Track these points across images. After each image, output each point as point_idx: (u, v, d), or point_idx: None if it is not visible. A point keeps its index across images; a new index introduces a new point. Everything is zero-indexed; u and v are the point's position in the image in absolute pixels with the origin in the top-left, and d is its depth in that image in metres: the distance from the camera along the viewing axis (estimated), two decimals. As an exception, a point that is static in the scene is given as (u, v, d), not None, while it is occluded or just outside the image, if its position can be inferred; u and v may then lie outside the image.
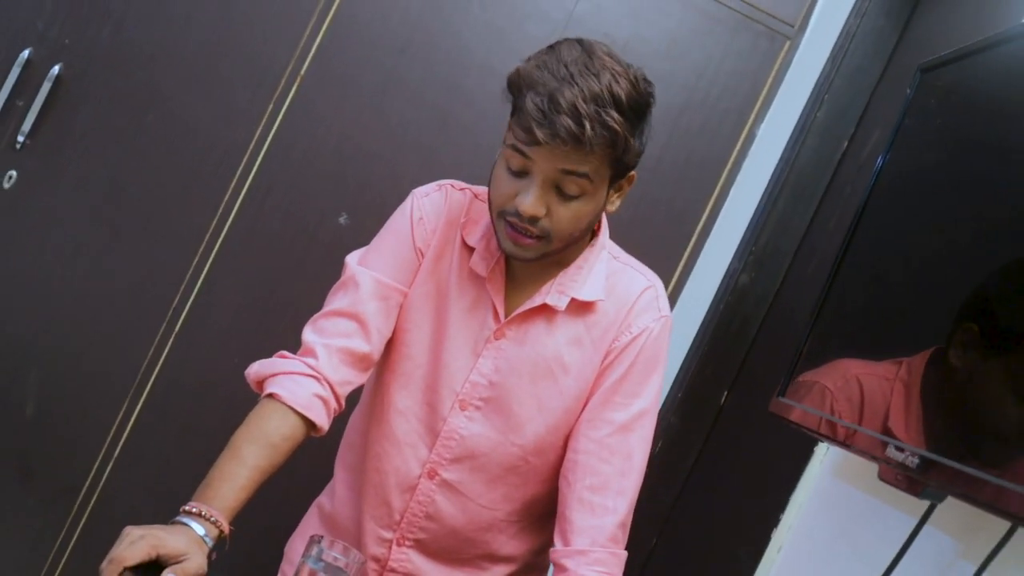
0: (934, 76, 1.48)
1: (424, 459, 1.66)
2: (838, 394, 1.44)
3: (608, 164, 1.52)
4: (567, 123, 1.43)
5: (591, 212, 1.56)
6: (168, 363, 2.53)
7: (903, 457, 1.11)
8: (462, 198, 1.72)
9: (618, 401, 1.64)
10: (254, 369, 1.62)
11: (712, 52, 2.63)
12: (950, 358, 1.16)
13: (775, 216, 2.35)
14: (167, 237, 2.52)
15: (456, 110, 2.56)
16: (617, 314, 1.66)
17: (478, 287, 1.66)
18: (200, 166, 2.51)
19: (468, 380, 1.64)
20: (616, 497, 1.62)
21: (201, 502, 1.44)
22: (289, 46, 2.52)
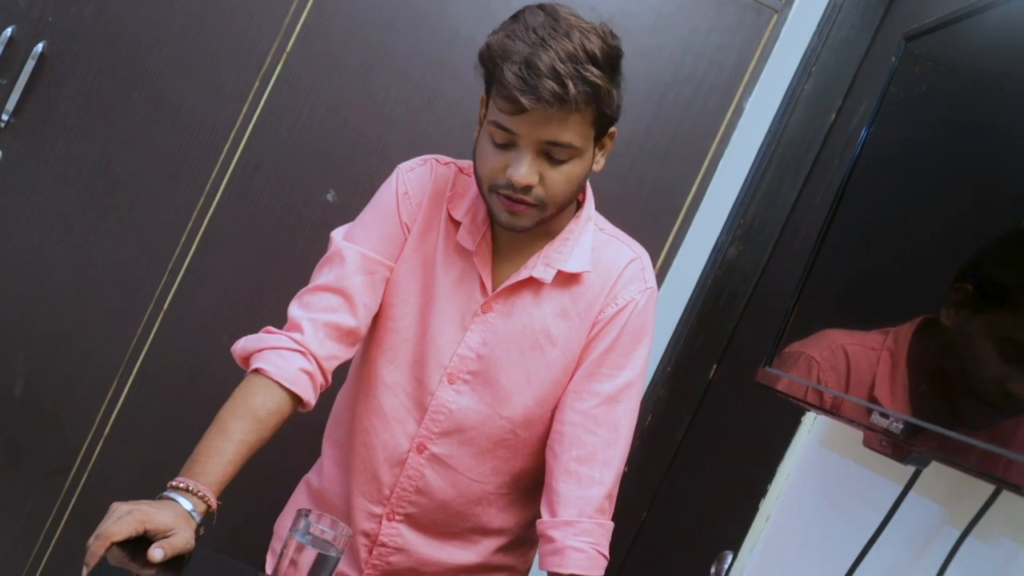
0: (918, 44, 1.48)
1: (413, 433, 1.67)
2: (824, 364, 1.44)
3: (592, 122, 1.54)
4: (550, 85, 1.44)
5: (581, 172, 1.58)
6: (157, 342, 2.53)
7: (887, 423, 1.12)
8: (447, 172, 1.72)
9: (604, 373, 1.65)
10: (240, 345, 1.63)
11: (698, 26, 2.62)
12: (942, 318, 1.16)
13: (763, 190, 2.35)
14: (154, 216, 2.51)
15: (442, 86, 2.55)
16: (603, 286, 1.67)
17: (465, 261, 1.67)
18: (186, 145, 2.50)
19: (456, 353, 1.65)
20: (603, 468, 1.63)
21: (188, 477, 1.44)
22: (274, 23, 2.51)
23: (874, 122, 1.51)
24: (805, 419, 1.63)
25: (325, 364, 1.62)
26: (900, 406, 1.19)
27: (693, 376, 2.35)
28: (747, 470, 1.84)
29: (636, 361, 1.68)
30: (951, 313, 1.15)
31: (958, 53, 1.38)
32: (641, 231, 1.86)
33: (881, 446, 1.15)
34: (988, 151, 1.25)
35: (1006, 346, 1.04)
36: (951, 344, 1.15)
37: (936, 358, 1.19)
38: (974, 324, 1.11)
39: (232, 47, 2.49)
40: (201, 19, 2.49)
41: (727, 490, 1.99)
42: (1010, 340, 1.04)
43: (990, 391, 1.05)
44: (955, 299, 1.15)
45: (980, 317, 1.11)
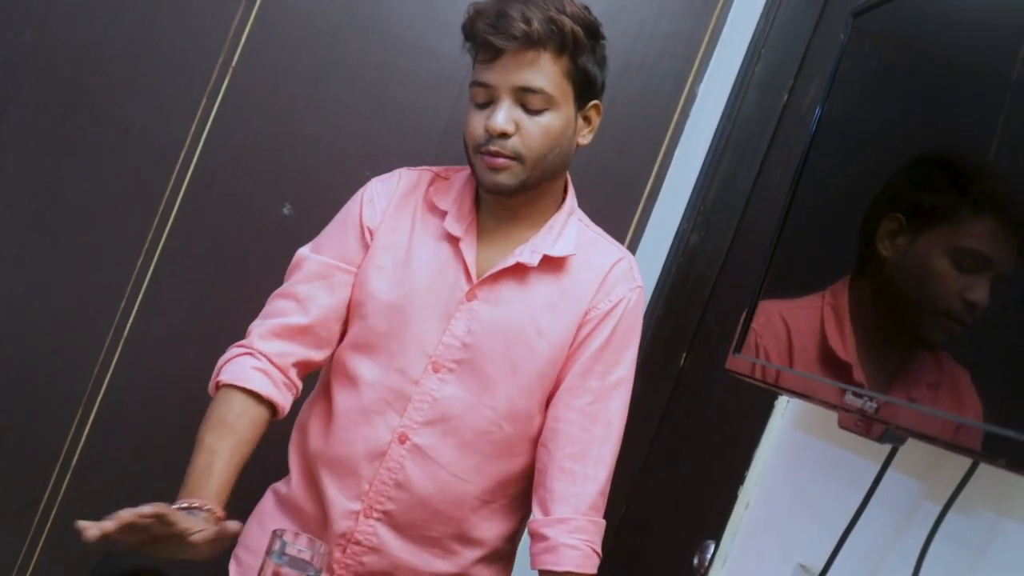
0: (866, 20, 1.48)
1: (394, 425, 1.65)
2: (763, 333, 1.45)
3: (566, 74, 1.61)
4: (517, 25, 1.55)
5: (560, 128, 1.62)
6: (120, 367, 2.49)
7: (861, 403, 1.11)
8: (417, 176, 1.77)
9: (599, 370, 1.68)
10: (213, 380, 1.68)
11: (646, 15, 2.62)
12: (879, 250, 1.21)
13: (720, 174, 2.35)
14: (109, 240, 2.47)
15: (392, 92, 2.53)
16: (591, 282, 1.69)
17: (447, 250, 1.68)
18: (137, 165, 2.46)
19: (441, 342, 1.64)
20: (596, 465, 1.66)
21: (186, 496, 1.49)
22: (219, 37, 2.47)
23: (827, 100, 1.50)
24: (778, 403, 1.63)
25: (278, 360, 1.65)
26: (851, 355, 1.23)
27: (664, 366, 2.34)
28: (724, 457, 1.83)
29: (628, 359, 1.73)
30: (887, 245, 1.20)
31: (905, 26, 1.38)
32: (603, 223, 1.86)
33: (856, 426, 1.14)
34: (938, 121, 1.26)
35: (959, 257, 1.08)
36: (898, 274, 1.19)
37: (884, 294, 1.22)
38: (918, 247, 1.17)
39: (177, 64, 2.45)
40: (143, 37, 2.45)
41: (705, 479, 1.98)
42: (961, 250, 1.09)
43: (952, 307, 1.07)
44: (889, 229, 1.20)
45: (923, 239, 1.16)
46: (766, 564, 1.52)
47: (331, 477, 1.70)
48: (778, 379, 1.40)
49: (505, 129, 1.58)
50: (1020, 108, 1.05)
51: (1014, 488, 1.05)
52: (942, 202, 1.17)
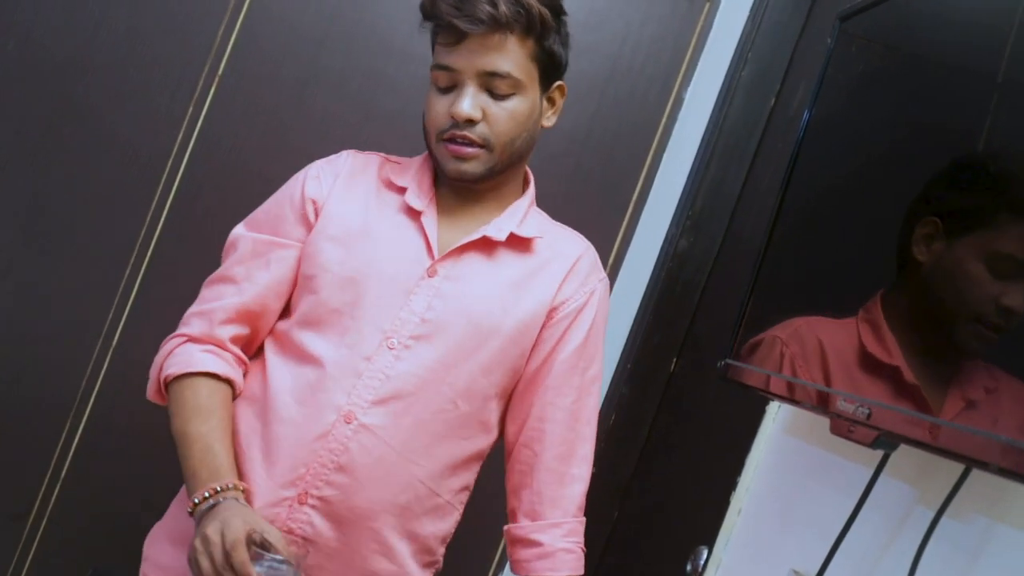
0: (853, 24, 1.48)
1: (340, 404, 1.55)
2: (794, 349, 1.43)
3: (532, 56, 1.57)
4: (483, 7, 1.50)
5: (526, 113, 1.59)
6: (108, 378, 2.47)
7: (853, 409, 1.11)
8: (366, 158, 1.73)
9: (581, 366, 1.65)
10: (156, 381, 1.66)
11: (632, 19, 2.62)
12: (915, 255, 1.19)
13: (708, 178, 2.35)
14: (96, 251, 2.45)
15: (379, 98, 2.52)
16: (559, 269, 1.66)
17: (408, 224, 1.63)
18: (124, 175, 2.44)
19: (398, 317, 1.58)
20: (581, 464, 1.65)
21: (209, 484, 1.49)
22: (204, 46, 2.46)
23: (815, 105, 1.50)
24: (769, 408, 1.62)
25: (220, 342, 1.63)
26: (897, 357, 1.20)
27: (654, 371, 2.34)
28: (716, 463, 1.83)
29: (601, 352, 1.71)
30: (923, 249, 1.18)
31: (892, 30, 1.38)
32: (591, 228, 1.85)
33: (849, 432, 1.14)
34: (927, 124, 1.26)
35: (995, 262, 1.07)
36: (934, 278, 1.17)
37: (920, 299, 1.20)
38: (954, 251, 1.15)
39: (163, 73, 2.44)
40: (129, 45, 2.44)
41: (697, 484, 1.98)
42: (998, 255, 1.07)
43: (987, 313, 1.06)
44: (925, 233, 1.18)
45: (959, 243, 1.14)
46: (760, 570, 1.52)
47: (262, 463, 1.57)
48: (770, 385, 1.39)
49: (471, 115, 1.54)
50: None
51: (1006, 492, 1.05)
52: (980, 206, 1.14)
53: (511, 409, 1.68)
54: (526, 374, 1.66)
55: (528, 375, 1.66)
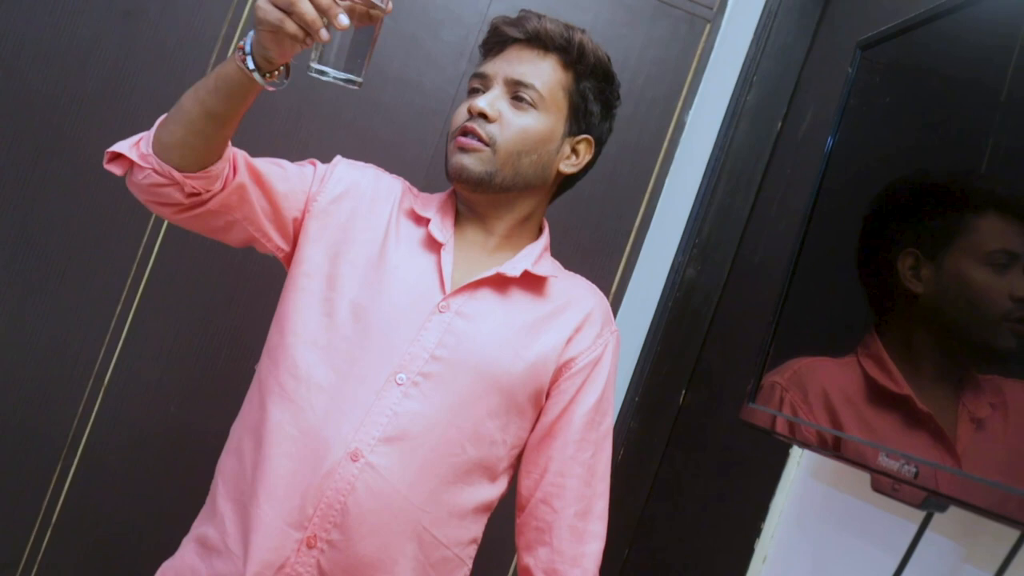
0: (876, 53, 1.42)
1: (348, 439, 1.47)
2: (797, 396, 1.39)
3: (563, 88, 1.61)
4: (532, 21, 1.59)
5: (540, 134, 1.58)
6: (100, 418, 2.40)
7: (898, 466, 1.05)
8: (390, 182, 1.69)
9: (597, 420, 1.61)
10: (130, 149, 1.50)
11: (632, 42, 2.57)
12: (909, 289, 1.21)
13: (715, 205, 2.29)
14: (86, 286, 2.39)
15: (376, 126, 2.47)
16: (573, 316, 1.62)
17: (425, 257, 1.59)
18: (114, 208, 2.38)
19: (407, 352, 1.52)
20: (599, 520, 1.62)
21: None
22: (194, 76, 2.40)
23: (837, 138, 1.44)
24: (793, 450, 1.56)
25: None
26: (901, 383, 1.19)
27: (663, 403, 2.27)
28: (735, 505, 1.77)
29: (613, 405, 1.69)
30: (914, 281, 1.20)
31: (922, 59, 1.33)
32: (593, 255, 1.81)
33: (893, 490, 1.08)
34: (961, 158, 1.21)
35: (991, 260, 1.09)
36: (939, 302, 1.17)
37: (929, 327, 1.19)
38: (948, 270, 1.16)
39: (152, 104, 2.38)
40: (118, 79, 2.38)
41: (715, 527, 1.91)
42: (990, 253, 1.10)
43: (1007, 309, 1.06)
44: (909, 265, 1.21)
45: (948, 261, 1.16)
46: (788, 622, 1.45)
47: (269, 500, 1.48)
48: (795, 432, 1.33)
49: (485, 110, 1.56)
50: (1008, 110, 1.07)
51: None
52: (948, 220, 1.19)
53: (525, 462, 1.63)
54: (541, 425, 1.61)
55: (543, 427, 1.61)
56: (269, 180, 1.57)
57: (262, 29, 1.34)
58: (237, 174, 1.52)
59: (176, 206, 1.49)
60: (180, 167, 1.45)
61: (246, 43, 1.40)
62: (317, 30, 1.32)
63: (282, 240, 1.61)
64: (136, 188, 1.50)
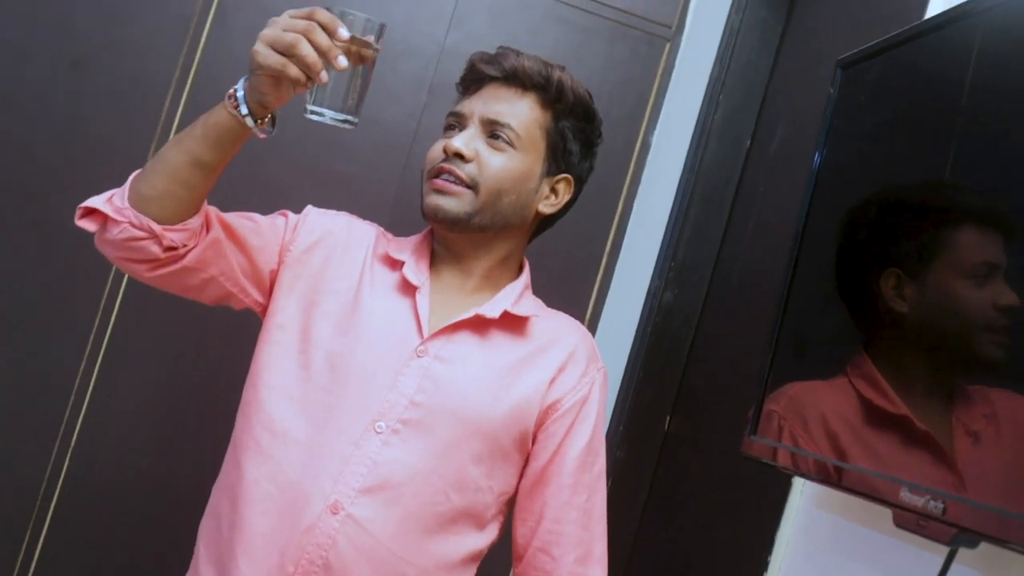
0: (858, 71, 1.40)
1: (327, 491, 1.43)
2: (794, 421, 1.37)
3: (541, 127, 1.56)
4: (510, 59, 1.55)
5: (518, 173, 1.54)
6: (71, 477, 2.34)
7: (923, 502, 1.02)
8: (364, 228, 1.65)
9: (589, 461, 1.57)
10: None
11: (593, 65, 2.55)
12: (894, 308, 1.21)
13: (689, 227, 2.27)
14: (50, 340, 2.33)
15: (337, 165, 2.43)
16: (556, 355, 1.58)
17: (401, 301, 1.54)
18: (77, 255, 2.31)
19: (386, 399, 1.47)
20: (597, 565, 1.57)
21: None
22: (151, 119, 2.35)
23: (824, 157, 1.42)
24: (795, 480, 1.53)
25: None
26: (893, 399, 1.19)
27: (649, 430, 2.24)
28: (739, 538, 1.74)
29: (604, 444, 1.64)
30: (898, 301, 1.21)
31: (908, 78, 1.31)
32: (565, 283, 1.77)
33: (919, 527, 1.04)
34: (959, 174, 1.19)
35: (974, 274, 1.10)
36: (927, 319, 1.18)
37: (917, 345, 1.20)
38: (932, 287, 1.17)
39: (110, 151, 2.32)
40: (71, 128, 2.33)
41: (718, 562, 1.87)
42: (972, 266, 1.11)
43: (991, 318, 1.07)
44: (892, 285, 1.21)
45: (931, 278, 1.17)
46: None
47: (248, 561, 1.44)
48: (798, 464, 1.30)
49: (461, 150, 1.51)
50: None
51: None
52: (927, 237, 1.19)
53: (519, 510, 1.59)
54: (531, 471, 1.57)
55: (534, 472, 1.56)
56: (242, 234, 1.53)
57: (261, 74, 1.33)
58: (211, 229, 1.48)
59: (151, 262, 1.44)
60: (159, 219, 1.41)
61: (237, 90, 1.38)
62: (318, 72, 1.31)
63: (260, 294, 1.57)
64: (108, 245, 1.45)
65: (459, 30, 2.51)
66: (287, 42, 1.31)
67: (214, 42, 2.40)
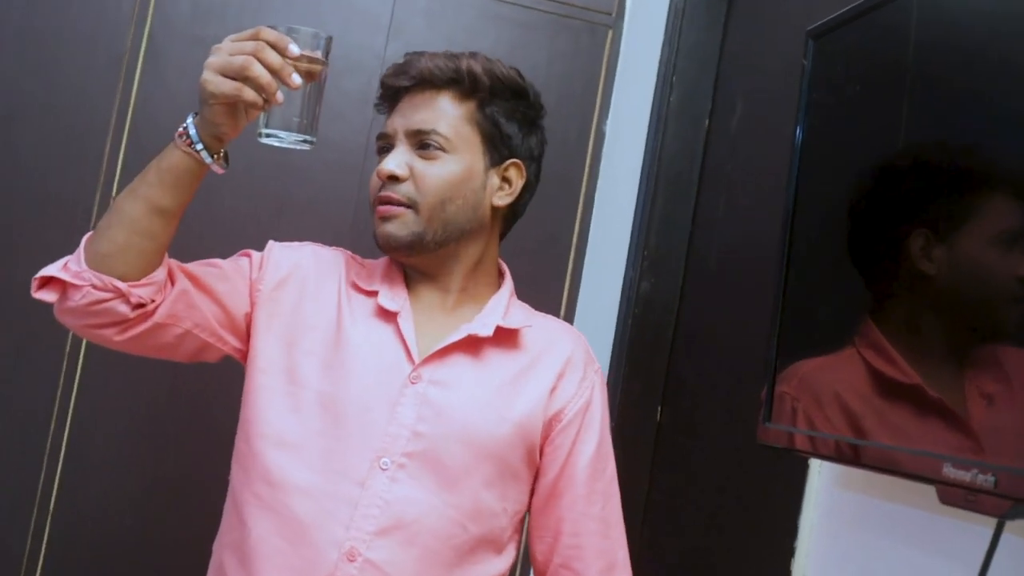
0: (830, 41, 1.37)
1: (340, 539, 1.37)
2: (807, 401, 1.34)
3: (470, 121, 1.50)
4: (415, 65, 1.49)
5: (459, 177, 1.48)
6: (54, 542, 2.26)
7: (970, 476, 0.98)
8: (332, 256, 1.59)
9: (600, 468, 1.52)
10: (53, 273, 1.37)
11: (537, 60, 2.51)
12: (921, 270, 1.17)
13: (658, 214, 2.23)
14: (12, 410, 2.24)
15: (291, 190, 2.37)
16: (553, 363, 1.53)
17: (383, 329, 1.48)
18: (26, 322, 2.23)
19: (386, 433, 1.41)
20: (622, 571, 1.53)
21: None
22: (93, 167, 2.28)
23: (805, 131, 1.39)
24: (812, 461, 1.49)
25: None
26: (914, 377, 1.15)
27: (640, 424, 2.20)
28: (756, 525, 1.70)
29: (611, 447, 1.58)
30: (926, 262, 1.17)
31: (888, 41, 1.28)
32: (534, 285, 1.73)
33: (968, 502, 1.01)
34: (929, 128, 1.21)
35: (1003, 241, 1.06)
36: (953, 283, 1.14)
37: (937, 308, 1.17)
38: (960, 251, 1.14)
39: (53, 205, 2.25)
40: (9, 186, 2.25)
41: (736, 552, 1.83)
42: (1001, 233, 1.06)
43: (1013, 288, 1.04)
44: (920, 246, 1.17)
45: (960, 242, 1.13)
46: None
47: None
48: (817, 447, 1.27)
49: (393, 171, 1.46)
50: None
51: None
52: (958, 200, 1.15)
53: (535, 527, 1.54)
54: (542, 486, 1.52)
55: (546, 487, 1.52)
56: (208, 281, 1.47)
57: (214, 103, 1.28)
58: (176, 282, 1.42)
59: (120, 324, 1.37)
60: (123, 276, 1.35)
61: (187, 127, 1.33)
62: (274, 92, 1.27)
63: (237, 340, 1.51)
64: (70, 314, 1.38)
65: (398, 39, 2.46)
66: (237, 66, 1.26)
67: (149, 78, 2.32)
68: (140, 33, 2.32)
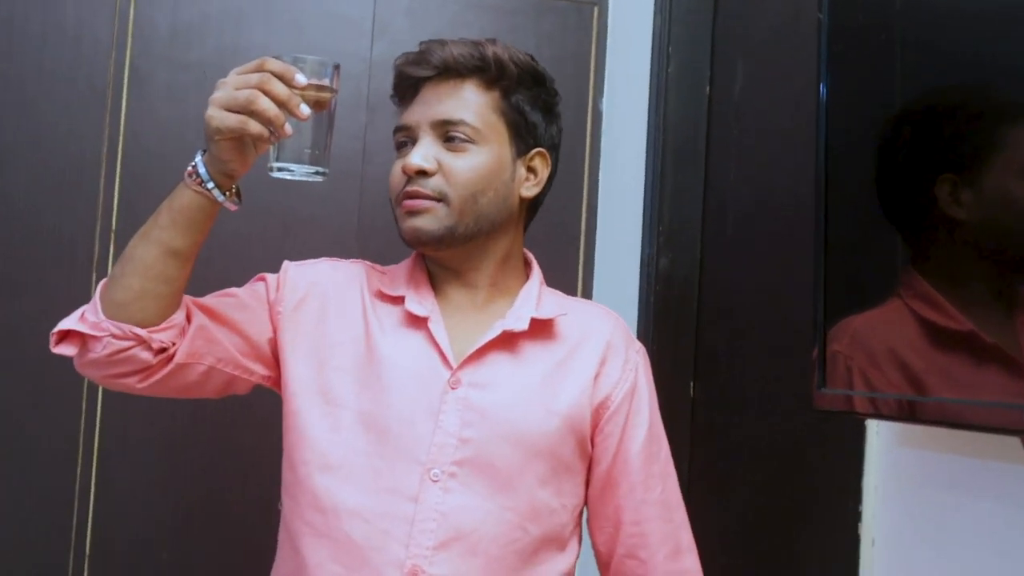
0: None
1: (401, 559, 1.34)
2: (862, 358, 1.31)
3: (496, 108, 1.45)
4: (437, 53, 1.44)
5: (490, 167, 1.44)
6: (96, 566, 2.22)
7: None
8: (348, 269, 1.55)
9: (654, 451, 1.50)
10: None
11: (524, 46, 2.40)
12: (951, 215, 1.17)
13: (668, 187, 2.19)
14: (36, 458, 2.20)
15: (293, 206, 2.35)
16: (593, 349, 1.49)
17: (415, 336, 1.44)
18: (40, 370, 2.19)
19: (432, 443, 1.37)
20: (689, 554, 1.50)
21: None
22: (90, 203, 2.23)
23: (830, 91, 1.35)
24: (869, 423, 1.46)
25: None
26: (966, 324, 1.15)
27: (673, 401, 2.16)
28: (815, 494, 1.67)
29: (662, 426, 1.55)
30: (955, 207, 1.16)
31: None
32: (548, 274, 1.67)
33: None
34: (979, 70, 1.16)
35: None
36: (987, 222, 1.14)
37: (977, 250, 1.17)
38: (990, 190, 1.13)
39: (53, 247, 2.21)
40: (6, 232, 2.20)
41: (797, 525, 1.80)
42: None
43: None
44: (948, 191, 1.16)
45: (988, 181, 1.13)
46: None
47: None
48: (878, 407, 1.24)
49: (422, 166, 1.40)
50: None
51: None
52: (979, 139, 1.14)
53: (594, 517, 1.51)
54: (596, 476, 1.49)
55: (601, 477, 1.48)
56: (226, 312, 1.44)
57: (220, 139, 1.24)
58: (192, 319, 1.39)
59: (143, 371, 1.34)
60: (142, 322, 1.32)
61: (196, 165, 1.29)
62: (281, 125, 1.23)
63: (265, 368, 1.48)
64: (91, 366, 1.34)
65: (383, 39, 2.42)
66: (242, 100, 1.22)
67: (136, 107, 2.28)
68: (121, 60, 2.27)
